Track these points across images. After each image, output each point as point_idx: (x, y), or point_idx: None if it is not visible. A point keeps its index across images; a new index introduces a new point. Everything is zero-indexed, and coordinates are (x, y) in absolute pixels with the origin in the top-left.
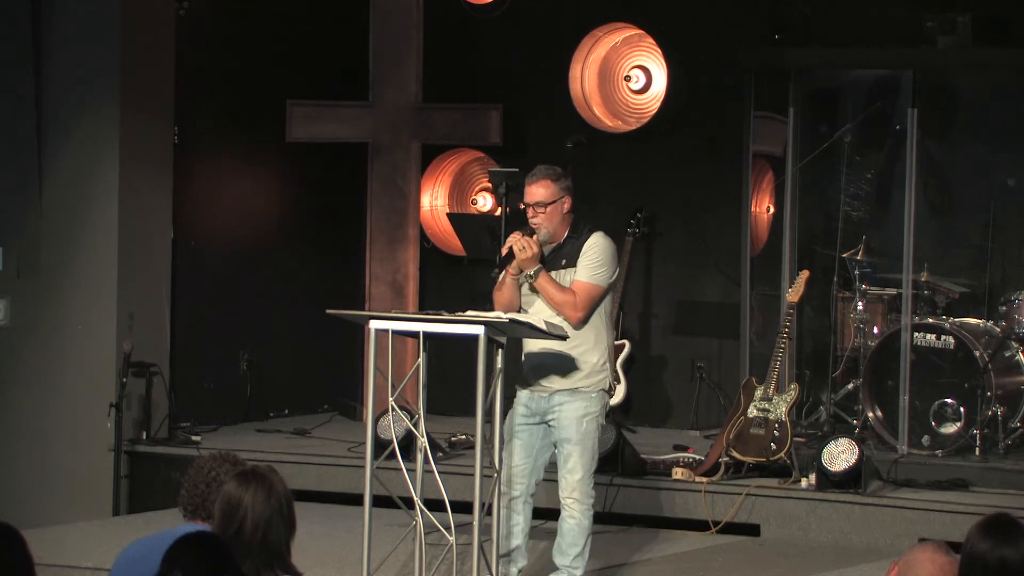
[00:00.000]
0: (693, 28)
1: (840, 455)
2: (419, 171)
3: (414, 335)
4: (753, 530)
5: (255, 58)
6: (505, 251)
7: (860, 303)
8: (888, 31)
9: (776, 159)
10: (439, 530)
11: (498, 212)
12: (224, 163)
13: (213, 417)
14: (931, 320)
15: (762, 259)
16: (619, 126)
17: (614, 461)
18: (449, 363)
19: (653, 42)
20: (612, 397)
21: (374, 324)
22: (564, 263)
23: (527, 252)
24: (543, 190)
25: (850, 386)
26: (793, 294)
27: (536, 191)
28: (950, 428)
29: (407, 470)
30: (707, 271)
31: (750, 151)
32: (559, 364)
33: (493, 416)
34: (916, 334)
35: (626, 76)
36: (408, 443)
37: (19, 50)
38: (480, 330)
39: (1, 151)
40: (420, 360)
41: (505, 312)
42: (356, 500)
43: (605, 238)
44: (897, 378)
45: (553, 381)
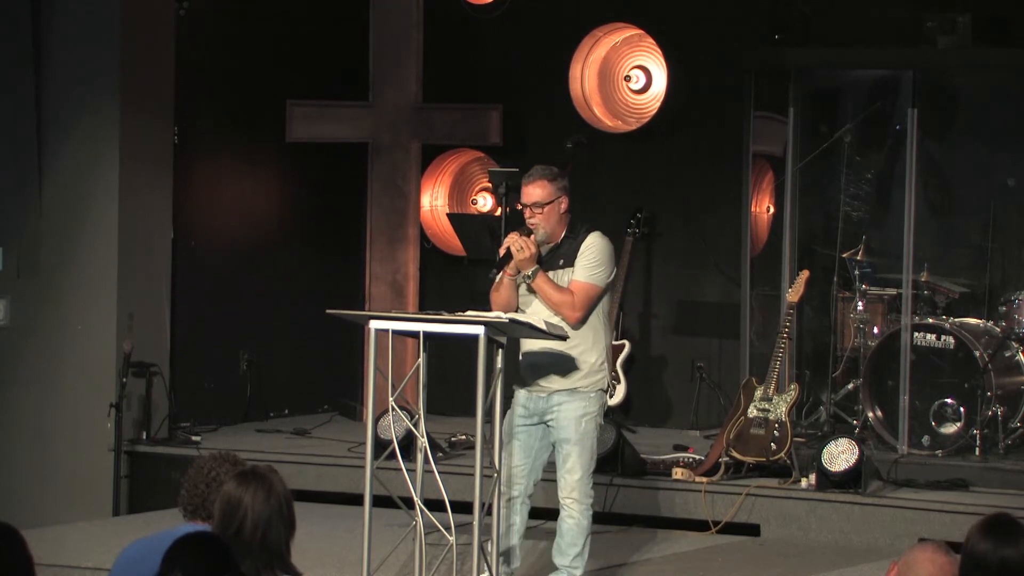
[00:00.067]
0: (693, 28)
1: (840, 455)
2: (419, 171)
3: (414, 335)
4: (753, 530)
5: (255, 58)
6: (503, 252)
7: (860, 303)
8: (888, 31)
9: (776, 159)
10: (439, 530)
11: (498, 212)
12: (224, 163)
13: (213, 417)
14: (931, 320)
15: (762, 259)
16: (619, 126)
17: (614, 461)
18: (449, 363)
19: (653, 42)
20: (612, 397)
21: (374, 324)
22: (562, 263)
23: (525, 252)
24: (540, 190)
25: (850, 386)
26: (793, 294)
27: (533, 191)
28: (950, 428)
29: (407, 470)
30: (707, 271)
31: (750, 151)
32: (557, 364)
33: (493, 416)
34: (916, 334)
35: (626, 76)
36: (408, 443)
37: (19, 50)
38: (480, 330)
39: (1, 151)
40: (420, 360)
41: (503, 312)
42: (356, 500)
43: (602, 238)
44: (897, 378)
45: (551, 381)
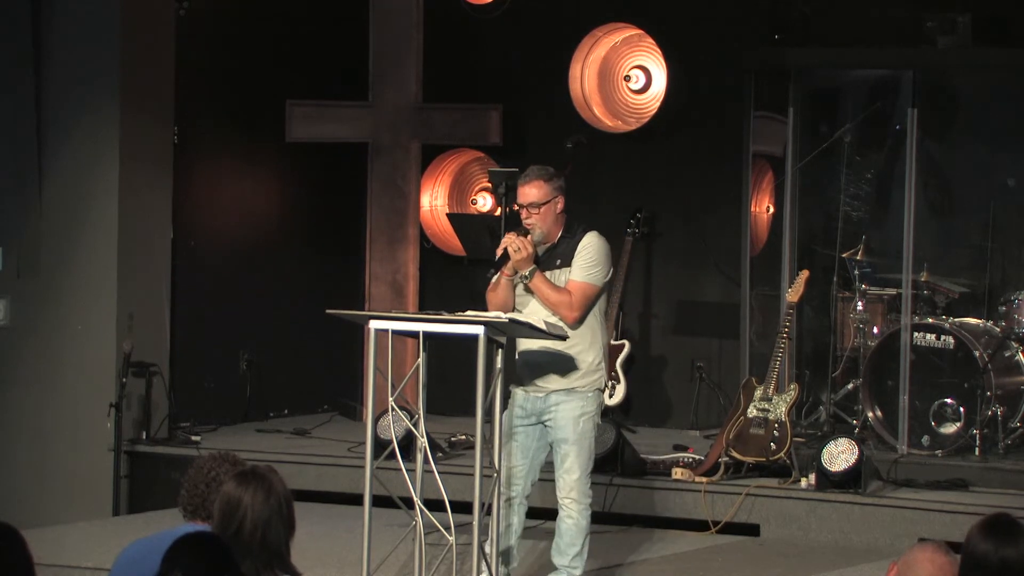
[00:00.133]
0: (693, 28)
1: (840, 455)
2: (419, 171)
3: (414, 335)
4: (753, 530)
5: (255, 58)
6: (500, 252)
7: (860, 303)
8: (888, 31)
9: (776, 159)
10: (439, 530)
11: (498, 212)
12: (224, 163)
13: (213, 417)
14: (931, 320)
15: (762, 259)
16: (619, 126)
17: (614, 461)
18: (449, 363)
19: (653, 42)
20: (612, 397)
21: (374, 324)
22: (559, 263)
23: (522, 253)
24: (536, 191)
25: (850, 386)
26: (793, 294)
27: (529, 192)
28: (950, 428)
29: (407, 470)
30: (707, 271)
31: (750, 151)
32: (555, 364)
33: (493, 416)
34: (916, 334)
35: (626, 76)
36: (408, 443)
37: (19, 50)
38: (480, 330)
39: (1, 151)
40: (420, 360)
41: (500, 313)
42: (356, 500)
43: (599, 237)
44: (897, 378)
45: (549, 381)
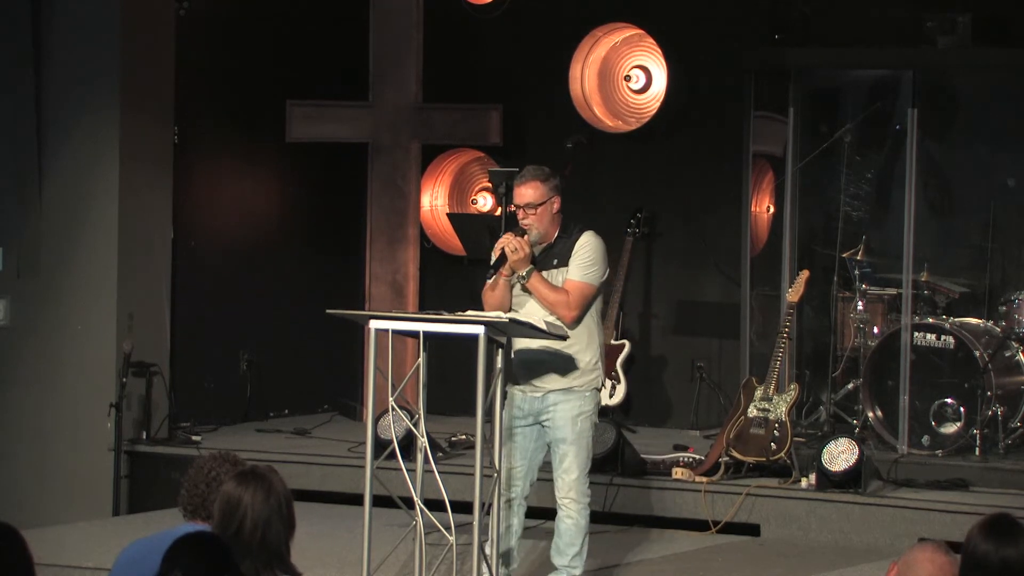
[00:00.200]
0: (693, 28)
1: (840, 455)
2: (419, 171)
3: (414, 335)
4: (753, 530)
5: (255, 58)
6: (497, 253)
7: (860, 303)
8: (888, 31)
9: (776, 159)
10: (439, 530)
11: (498, 212)
12: (224, 163)
13: (213, 417)
14: (931, 320)
15: (762, 259)
16: (619, 126)
17: (614, 461)
18: (449, 363)
19: (653, 42)
20: (613, 397)
21: (374, 324)
22: (556, 263)
23: (519, 253)
24: (532, 191)
25: (850, 386)
26: (793, 294)
27: (525, 192)
28: (950, 428)
29: (407, 470)
30: (707, 271)
31: (750, 151)
32: (553, 363)
33: (493, 416)
34: (916, 334)
35: (626, 76)
36: (408, 443)
37: (19, 50)
38: (480, 330)
39: (1, 151)
40: (420, 360)
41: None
42: (356, 500)
43: (595, 237)
44: (897, 378)
45: (546, 381)
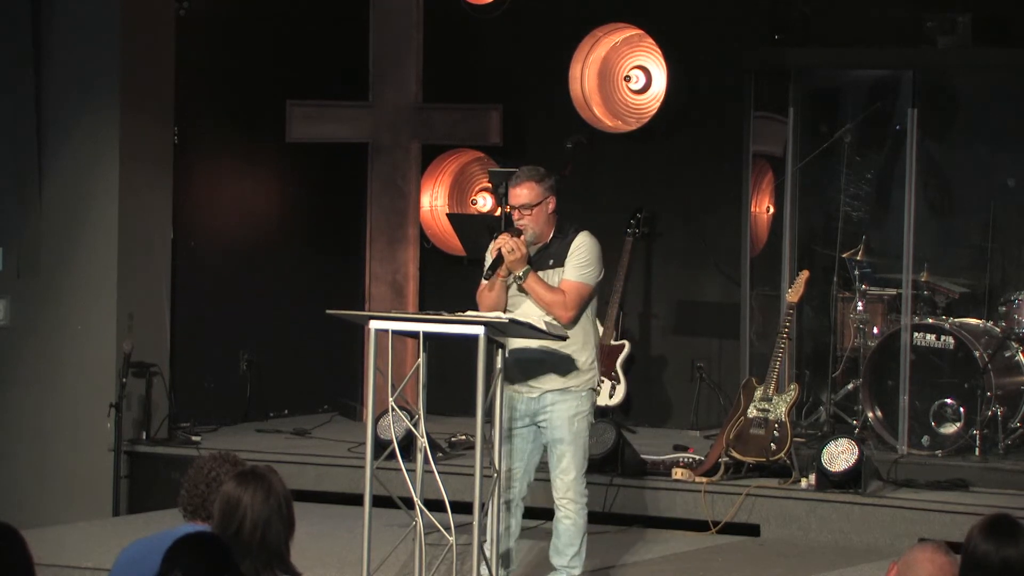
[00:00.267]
0: (693, 28)
1: (840, 455)
2: (419, 171)
3: (414, 335)
4: (753, 530)
5: (255, 58)
6: (494, 253)
7: (860, 303)
8: (888, 31)
9: (776, 159)
10: (439, 530)
11: (498, 212)
12: (224, 163)
13: (213, 417)
14: (931, 320)
15: (762, 259)
16: (619, 126)
17: (614, 461)
18: (449, 363)
19: (653, 42)
20: (613, 397)
21: (374, 324)
22: (551, 263)
23: (516, 253)
24: (528, 192)
25: (850, 386)
26: (793, 294)
27: (521, 193)
28: (950, 428)
29: (407, 470)
30: (707, 271)
31: (750, 151)
32: (549, 364)
33: (493, 416)
34: (916, 334)
35: (626, 76)
36: (408, 443)
37: (19, 50)
38: (480, 330)
39: (1, 151)
40: (420, 360)
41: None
42: (356, 500)
43: (591, 237)
44: (897, 378)
45: (543, 381)
